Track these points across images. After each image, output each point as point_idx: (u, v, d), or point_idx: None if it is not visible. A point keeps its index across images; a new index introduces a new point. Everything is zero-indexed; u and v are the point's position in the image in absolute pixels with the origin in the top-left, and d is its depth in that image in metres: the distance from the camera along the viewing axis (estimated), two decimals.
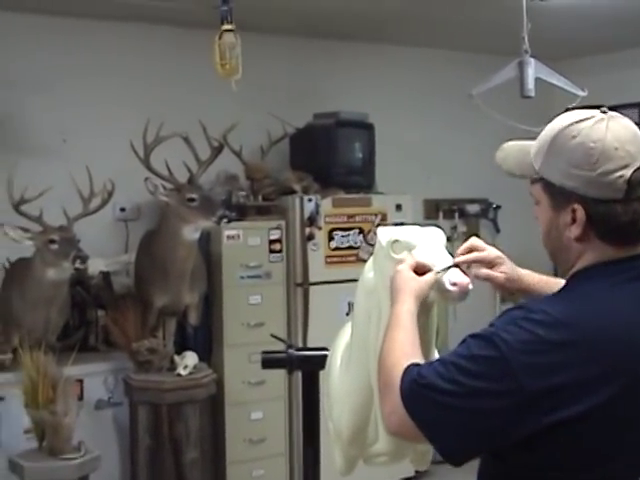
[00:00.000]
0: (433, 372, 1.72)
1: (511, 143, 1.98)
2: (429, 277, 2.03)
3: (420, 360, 1.81)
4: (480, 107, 4.32)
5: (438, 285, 2.04)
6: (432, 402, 1.70)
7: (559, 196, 1.78)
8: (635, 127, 1.79)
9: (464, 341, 1.76)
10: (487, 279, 2.21)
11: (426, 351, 2.07)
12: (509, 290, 2.26)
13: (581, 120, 1.77)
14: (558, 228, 1.81)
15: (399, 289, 2.00)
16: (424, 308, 2.07)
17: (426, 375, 1.72)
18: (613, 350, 1.69)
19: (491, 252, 2.24)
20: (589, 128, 1.75)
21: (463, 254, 2.18)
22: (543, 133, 1.84)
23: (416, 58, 6.70)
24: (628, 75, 6.83)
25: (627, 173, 1.71)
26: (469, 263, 2.16)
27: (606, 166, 1.71)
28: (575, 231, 1.77)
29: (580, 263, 1.81)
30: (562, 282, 1.87)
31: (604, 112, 1.78)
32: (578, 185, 1.73)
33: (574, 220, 1.76)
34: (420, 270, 2.05)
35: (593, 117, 1.77)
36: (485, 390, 1.65)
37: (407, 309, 1.94)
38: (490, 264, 2.23)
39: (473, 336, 1.75)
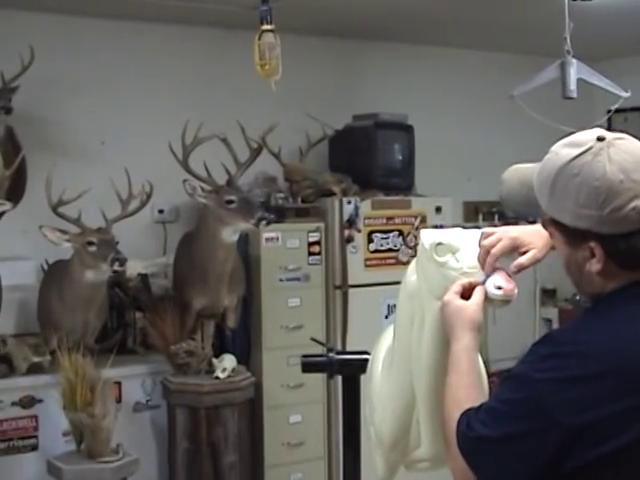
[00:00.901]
0: (479, 422, 1.71)
1: (511, 170, 1.92)
2: (477, 298, 1.98)
3: (475, 401, 1.77)
4: (521, 108, 4.28)
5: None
6: (484, 453, 1.69)
7: (573, 235, 1.72)
8: (638, 147, 1.71)
9: (502, 382, 1.74)
10: (523, 269, 2.07)
11: None
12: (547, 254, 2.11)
13: (580, 155, 1.69)
14: (577, 263, 1.75)
15: (451, 324, 1.95)
16: None
17: (473, 426, 1.71)
18: None
19: (505, 239, 2.06)
20: (590, 164, 1.67)
21: (485, 259, 2.05)
22: (542, 168, 1.76)
23: (456, 59, 6.65)
24: None
25: (639, 203, 1.64)
26: (495, 261, 2.04)
27: (615, 203, 1.64)
28: (596, 266, 1.71)
29: (605, 290, 1.75)
30: None
31: (602, 139, 1.70)
32: (590, 225, 1.67)
33: (593, 254, 1.70)
34: (467, 292, 2.00)
35: (591, 148, 1.69)
36: (526, 432, 1.63)
37: (463, 346, 1.90)
38: (512, 249, 2.08)
39: (507, 378, 1.73)
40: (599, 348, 1.64)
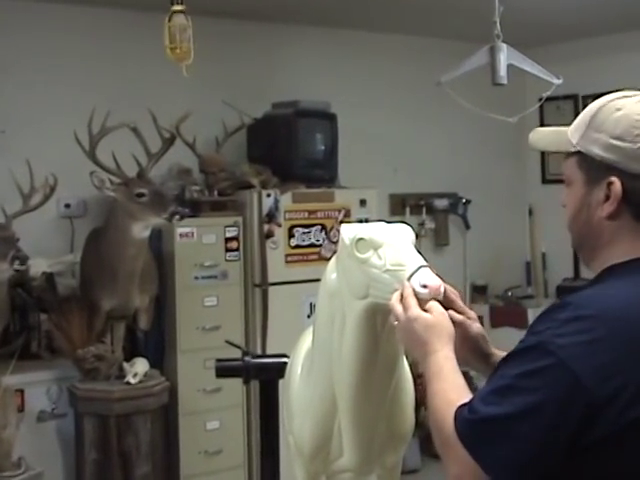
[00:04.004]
0: (485, 404, 1.62)
1: (545, 128, 1.97)
2: (441, 309, 1.93)
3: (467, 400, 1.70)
4: (449, 96, 4.29)
5: None
6: (496, 434, 1.61)
7: (596, 170, 1.76)
8: None
9: (505, 361, 1.68)
10: (462, 322, 2.02)
11: (392, 365, 2.02)
12: (467, 351, 2.03)
13: (625, 96, 1.79)
14: (589, 207, 1.78)
15: (426, 339, 1.88)
16: (386, 317, 2.01)
17: (478, 409, 1.63)
18: None
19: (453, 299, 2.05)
20: (634, 103, 1.77)
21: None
22: (584, 111, 1.85)
23: (382, 44, 6.65)
24: (604, 62, 6.83)
25: None
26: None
27: None
28: (608, 208, 1.74)
29: (612, 252, 1.76)
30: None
31: None
32: (618, 158, 1.73)
33: (607, 197, 1.74)
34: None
35: (637, 95, 1.80)
36: (550, 403, 1.57)
37: (444, 356, 1.83)
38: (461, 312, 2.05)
39: (517, 352, 1.66)
40: (624, 310, 1.64)
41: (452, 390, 1.75)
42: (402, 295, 1.95)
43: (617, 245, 1.76)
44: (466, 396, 1.70)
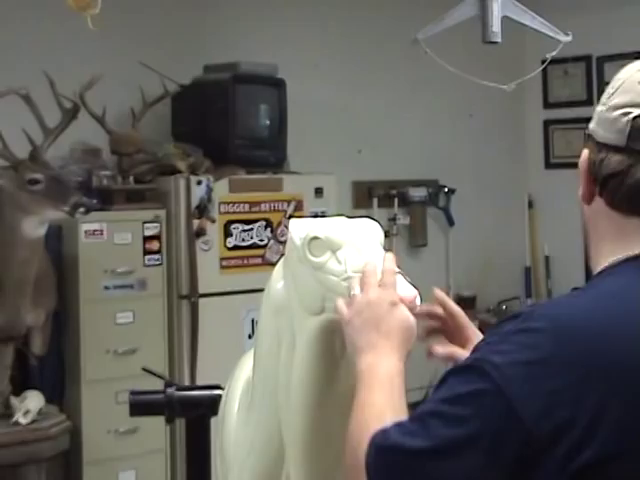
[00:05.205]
0: (401, 430, 1.62)
1: None
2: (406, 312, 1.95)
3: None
4: (429, 57, 4.29)
5: None
6: (407, 472, 1.60)
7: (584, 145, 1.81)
8: None
9: (443, 380, 1.66)
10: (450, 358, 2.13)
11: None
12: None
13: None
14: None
15: (390, 330, 1.90)
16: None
17: (391, 434, 1.62)
18: None
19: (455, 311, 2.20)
20: (632, 67, 1.79)
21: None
22: None
23: None
24: (624, 15, 6.86)
25: (634, 112, 1.70)
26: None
27: (618, 99, 1.74)
28: (581, 189, 1.78)
29: (598, 250, 1.77)
30: None
31: None
32: (593, 125, 1.79)
33: None
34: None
35: None
36: (479, 437, 1.56)
37: (398, 369, 1.84)
38: (454, 327, 2.20)
39: (450, 372, 1.66)
40: (583, 325, 1.61)
41: (392, 409, 1.75)
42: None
43: (601, 241, 1.78)
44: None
